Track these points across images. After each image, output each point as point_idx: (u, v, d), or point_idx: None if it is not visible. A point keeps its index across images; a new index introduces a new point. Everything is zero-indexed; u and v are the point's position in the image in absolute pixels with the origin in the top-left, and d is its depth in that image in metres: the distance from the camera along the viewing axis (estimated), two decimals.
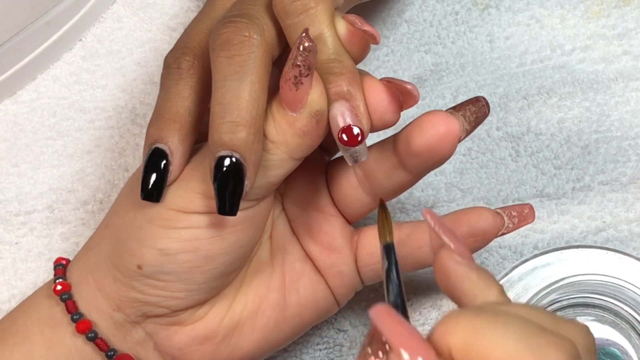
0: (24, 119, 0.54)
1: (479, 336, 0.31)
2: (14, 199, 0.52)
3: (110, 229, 0.43)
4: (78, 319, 0.42)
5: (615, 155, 0.52)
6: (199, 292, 0.42)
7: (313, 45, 0.37)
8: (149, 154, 0.41)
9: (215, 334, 0.43)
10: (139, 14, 0.56)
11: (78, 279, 0.43)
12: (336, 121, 0.39)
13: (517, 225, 0.44)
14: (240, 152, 0.38)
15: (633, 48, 0.54)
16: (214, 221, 0.40)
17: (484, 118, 0.43)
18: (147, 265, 0.40)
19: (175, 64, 0.41)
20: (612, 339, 0.48)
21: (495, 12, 0.55)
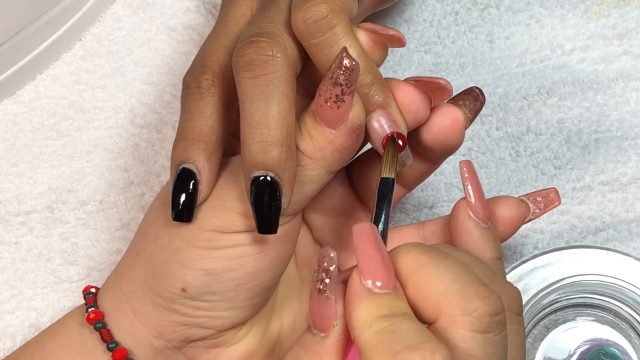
0: (24, 119, 0.54)
1: (420, 269, 0.34)
2: (13, 199, 0.52)
3: (142, 255, 0.42)
4: (114, 347, 0.42)
5: (615, 155, 0.52)
6: (243, 309, 0.41)
7: (356, 64, 0.37)
8: (177, 174, 0.40)
9: (257, 353, 0.43)
10: (138, 13, 0.56)
11: (111, 307, 0.42)
12: (377, 131, 0.40)
13: (544, 210, 0.45)
14: (274, 171, 0.38)
15: (633, 48, 0.54)
16: (256, 238, 0.40)
17: (481, 107, 0.44)
18: (191, 287, 0.40)
19: (195, 83, 0.41)
20: (612, 339, 0.48)
21: (495, 12, 0.55)
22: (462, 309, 0.33)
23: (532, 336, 0.48)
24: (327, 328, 0.35)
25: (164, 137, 0.53)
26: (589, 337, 0.48)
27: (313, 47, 0.39)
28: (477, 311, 0.33)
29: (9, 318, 0.50)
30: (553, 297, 0.47)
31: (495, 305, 0.34)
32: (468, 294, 0.33)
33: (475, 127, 0.53)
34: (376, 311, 0.33)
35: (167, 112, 0.54)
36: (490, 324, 0.33)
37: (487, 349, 0.33)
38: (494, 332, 0.34)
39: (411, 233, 0.45)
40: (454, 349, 0.33)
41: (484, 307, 0.33)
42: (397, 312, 0.33)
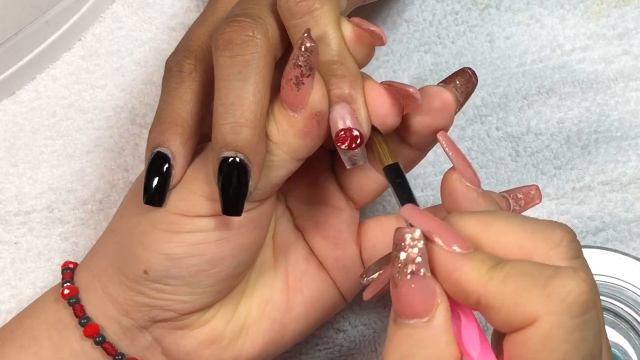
0: (23, 119, 0.54)
1: (486, 227, 0.34)
2: (13, 198, 0.52)
3: (115, 234, 0.43)
4: (86, 323, 0.42)
5: (615, 155, 0.52)
6: (206, 295, 0.42)
7: (315, 46, 0.37)
8: (151, 158, 0.40)
9: (221, 337, 0.43)
10: (138, 13, 0.56)
11: (85, 283, 0.43)
12: (336, 123, 0.39)
13: (524, 207, 0.44)
14: (244, 153, 0.38)
15: (633, 48, 0.54)
16: (219, 224, 0.40)
17: (474, 89, 0.43)
18: (153, 270, 0.40)
19: (177, 67, 0.41)
20: (612, 339, 0.48)
21: (495, 12, 0.55)
22: (551, 242, 0.33)
23: None
24: (430, 309, 0.33)
25: None
26: None
27: (292, 29, 0.39)
28: (565, 238, 0.33)
29: (8, 318, 0.50)
30: None
31: (570, 230, 0.34)
32: (546, 228, 0.33)
33: (475, 127, 0.53)
34: (484, 265, 0.32)
35: None
36: (578, 247, 0.33)
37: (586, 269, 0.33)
38: (581, 254, 0.34)
39: (389, 224, 0.45)
40: None
41: (567, 234, 0.33)
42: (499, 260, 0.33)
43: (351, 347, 0.50)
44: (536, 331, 0.32)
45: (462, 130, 0.53)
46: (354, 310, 0.51)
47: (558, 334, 0.31)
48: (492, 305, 0.32)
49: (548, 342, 0.31)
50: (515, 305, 0.32)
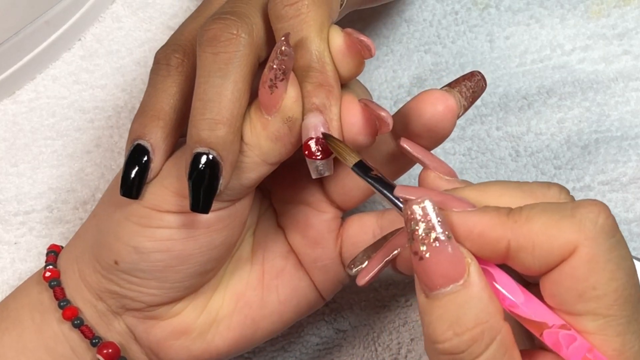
0: (23, 119, 0.54)
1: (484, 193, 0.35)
2: (13, 198, 0.52)
3: (95, 219, 0.43)
4: (65, 305, 0.43)
5: (615, 155, 0.52)
6: (174, 290, 0.42)
7: (289, 50, 0.37)
8: (130, 149, 0.41)
9: (191, 330, 0.43)
10: (138, 13, 0.56)
11: (65, 266, 0.44)
12: (306, 131, 0.39)
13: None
14: (217, 150, 0.38)
15: (633, 48, 0.54)
16: (187, 221, 0.40)
17: (482, 92, 0.43)
18: (122, 262, 0.41)
19: (165, 60, 0.41)
20: None
21: (495, 12, 0.55)
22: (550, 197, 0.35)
23: None
24: (463, 270, 0.33)
25: None
26: None
27: (277, 32, 0.39)
28: (563, 192, 0.35)
29: None
30: None
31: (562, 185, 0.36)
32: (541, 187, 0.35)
33: (475, 127, 0.53)
34: (502, 214, 0.34)
35: None
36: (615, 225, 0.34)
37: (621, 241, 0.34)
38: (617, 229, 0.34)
39: (370, 221, 0.45)
40: None
41: (562, 188, 0.35)
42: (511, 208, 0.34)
43: (351, 347, 0.50)
44: (579, 259, 0.33)
45: (462, 130, 0.53)
46: (354, 311, 0.51)
47: (601, 256, 0.33)
48: (525, 246, 0.33)
49: (594, 265, 0.32)
50: (550, 239, 0.33)
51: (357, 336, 0.50)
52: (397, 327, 0.50)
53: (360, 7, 0.48)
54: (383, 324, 0.51)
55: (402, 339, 0.50)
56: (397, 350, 0.50)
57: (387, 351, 0.50)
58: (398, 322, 0.50)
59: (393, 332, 0.50)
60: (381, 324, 0.51)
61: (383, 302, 0.51)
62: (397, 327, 0.50)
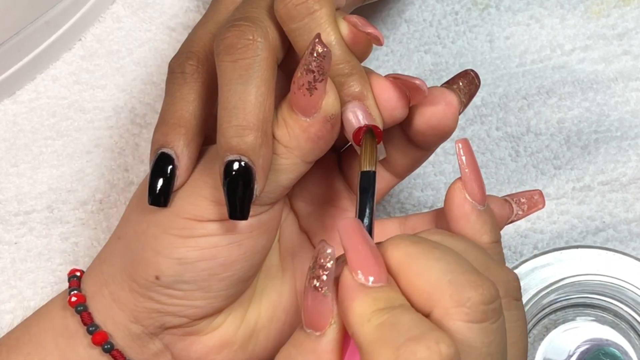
0: (24, 119, 0.54)
1: (411, 262, 0.34)
2: (13, 198, 0.52)
3: (122, 240, 0.42)
4: (94, 330, 0.42)
5: (615, 155, 0.52)
6: (217, 299, 0.41)
7: (327, 51, 0.37)
8: (155, 159, 0.40)
9: (232, 343, 0.43)
10: (138, 13, 0.56)
11: (93, 291, 0.43)
12: (351, 122, 0.39)
13: (527, 212, 0.44)
14: (248, 156, 0.37)
15: (633, 48, 0.54)
16: (230, 227, 0.40)
17: (476, 90, 0.43)
18: (164, 276, 0.40)
19: (180, 68, 0.41)
20: (612, 339, 0.48)
21: (495, 12, 0.55)
22: (455, 300, 0.33)
23: (532, 336, 0.48)
24: (323, 326, 0.34)
25: None
26: (588, 337, 0.48)
27: (292, 32, 0.39)
28: (471, 301, 0.33)
29: (8, 318, 0.50)
30: (553, 297, 0.47)
31: (489, 292, 0.33)
32: (460, 284, 0.33)
33: (475, 127, 0.53)
34: (373, 305, 0.33)
35: None
36: (485, 313, 0.33)
37: (484, 339, 0.33)
38: (489, 320, 0.33)
39: (393, 227, 0.45)
40: None
41: (477, 296, 0.33)
42: (394, 304, 0.33)
43: None
44: None
45: (462, 131, 0.53)
46: None
47: None
48: (360, 346, 0.33)
49: None
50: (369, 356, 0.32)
51: None
52: None
53: (363, 3, 0.48)
54: None
55: None
56: None
57: None
58: None
59: None
60: None
61: None
62: None
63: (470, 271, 0.33)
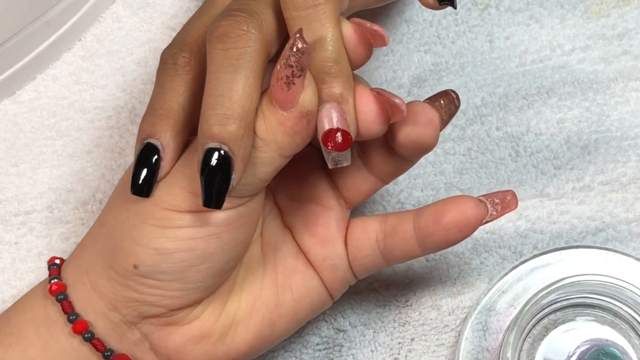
0: (24, 119, 0.54)
1: None
2: (13, 199, 0.52)
3: (104, 228, 0.43)
4: (74, 319, 0.42)
5: (615, 155, 0.52)
6: (195, 291, 0.42)
7: (307, 47, 0.37)
8: (140, 148, 0.40)
9: (211, 334, 0.43)
10: (138, 13, 0.56)
11: (73, 279, 0.43)
12: (323, 123, 0.39)
13: (500, 212, 0.44)
14: (229, 145, 0.37)
15: (633, 48, 0.54)
16: (207, 219, 0.40)
17: (456, 110, 0.43)
18: (142, 265, 0.40)
19: (172, 59, 0.41)
20: (612, 339, 0.48)
21: (495, 12, 0.55)
22: None
23: (532, 336, 0.48)
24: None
25: None
26: (588, 337, 0.48)
27: (292, 20, 0.39)
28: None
29: None
30: (553, 297, 0.47)
31: None
32: None
33: (475, 127, 0.53)
34: None
35: None
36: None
37: None
38: None
39: (373, 225, 0.45)
40: None
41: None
42: None
43: (351, 347, 0.50)
44: None
45: (462, 130, 0.53)
46: (354, 310, 0.51)
47: None
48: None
49: None
50: None
51: (357, 336, 0.50)
52: (397, 327, 0.50)
53: (366, 7, 0.48)
54: (383, 323, 0.51)
55: (402, 339, 0.50)
56: (397, 351, 0.50)
57: (387, 351, 0.50)
58: (398, 322, 0.50)
59: (393, 332, 0.50)
60: (381, 323, 0.51)
61: (383, 302, 0.51)
62: (397, 327, 0.50)
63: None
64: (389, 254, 0.45)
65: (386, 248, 0.45)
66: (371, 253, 0.45)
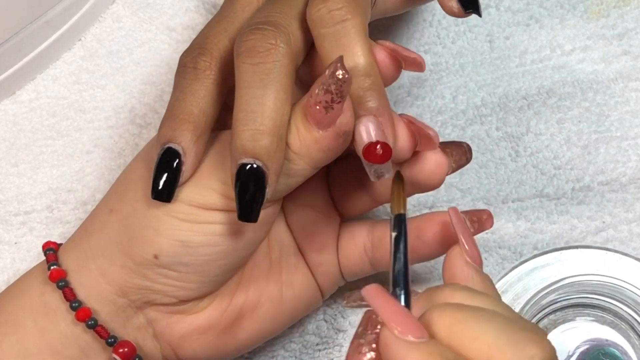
0: (24, 119, 0.54)
1: (461, 326, 0.32)
2: (13, 199, 0.52)
3: (116, 214, 0.42)
4: (77, 306, 0.42)
5: (615, 155, 0.52)
6: (210, 284, 0.42)
7: (349, 77, 0.37)
8: (161, 153, 0.40)
9: (216, 325, 0.43)
10: (138, 14, 0.56)
11: (77, 265, 0.43)
12: (362, 137, 0.39)
13: (477, 230, 0.44)
14: (262, 160, 0.38)
15: (633, 48, 0.54)
16: (235, 219, 0.40)
17: (466, 163, 0.45)
18: (164, 256, 0.40)
19: (192, 63, 0.41)
20: (612, 339, 0.48)
21: (495, 12, 0.55)
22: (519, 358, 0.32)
23: None
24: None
25: None
26: (588, 337, 0.48)
27: (321, 37, 0.39)
28: (536, 357, 0.32)
29: None
30: (553, 297, 0.47)
31: (549, 348, 0.32)
32: (520, 342, 0.32)
33: (475, 127, 0.53)
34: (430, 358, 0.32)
35: None
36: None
37: None
38: None
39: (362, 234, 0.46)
40: None
41: (541, 353, 0.32)
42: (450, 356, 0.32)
43: None
44: None
45: (462, 130, 0.53)
46: (355, 310, 0.51)
47: None
48: None
49: None
50: None
51: None
52: None
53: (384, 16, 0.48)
54: None
55: None
56: None
57: None
58: None
59: None
60: None
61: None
62: None
63: (523, 328, 0.33)
64: (377, 263, 0.46)
65: (374, 257, 0.46)
66: (360, 261, 0.46)
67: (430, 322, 0.33)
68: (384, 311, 0.33)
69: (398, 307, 0.33)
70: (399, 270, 0.36)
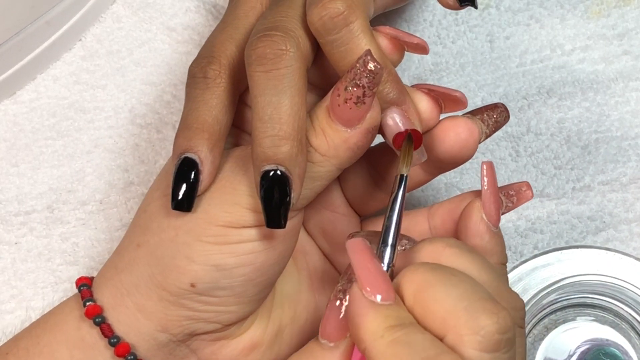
0: (24, 119, 0.54)
1: (427, 288, 0.34)
2: (13, 199, 0.52)
3: (144, 248, 0.41)
4: (116, 342, 0.41)
5: (615, 155, 0.52)
6: (250, 304, 0.42)
7: (380, 68, 0.37)
8: (178, 164, 0.40)
9: (260, 344, 0.43)
10: (138, 14, 0.56)
11: (112, 302, 0.42)
12: (391, 129, 0.39)
13: (517, 203, 0.44)
14: (285, 165, 0.38)
15: (633, 48, 0.54)
16: (265, 233, 0.40)
17: (505, 122, 0.44)
18: (201, 283, 0.40)
19: (201, 73, 0.41)
20: (612, 339, 0.48)
21: (495, 12, 0.55)
22: (470, 327, 0.33)
23: (532, 336, 0.48)
24: (338, 338, 0.36)
25: (164, 137, 0.53)
26: (589, 337, 0.48)
27: (329, 44, 0.39)
28: (485, 329, 0.33)
29: (9, 318, 0.50)
30: (553, 297, 0.47)
31: (504, 322, 0.33)
32: (476, 311, 0.33)
33: None
34: (385, 322, 0.33)
35: (168, 112, 0.54)
36: (499, 342, 0.33)
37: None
38: (502, 350, 0.33)
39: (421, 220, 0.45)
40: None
41: (492, 325, 0.33)
42: (405, 322, 0.33)
43: None
44: None
45: None
46: None
47: None
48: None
49: None
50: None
51: None
52: None
53: (385, 10, 0.48)
54: None
55: None
56: None
57: None
58: None
59: None
60: None
61: None
62: None
63: (485, 298, 0.34)
64: None
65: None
66: None
67: (402, 280, 0.35)
68: (359, 267, 0.35)
69: (374, 266, 0.35)
70: (388, 227, 0.38)
